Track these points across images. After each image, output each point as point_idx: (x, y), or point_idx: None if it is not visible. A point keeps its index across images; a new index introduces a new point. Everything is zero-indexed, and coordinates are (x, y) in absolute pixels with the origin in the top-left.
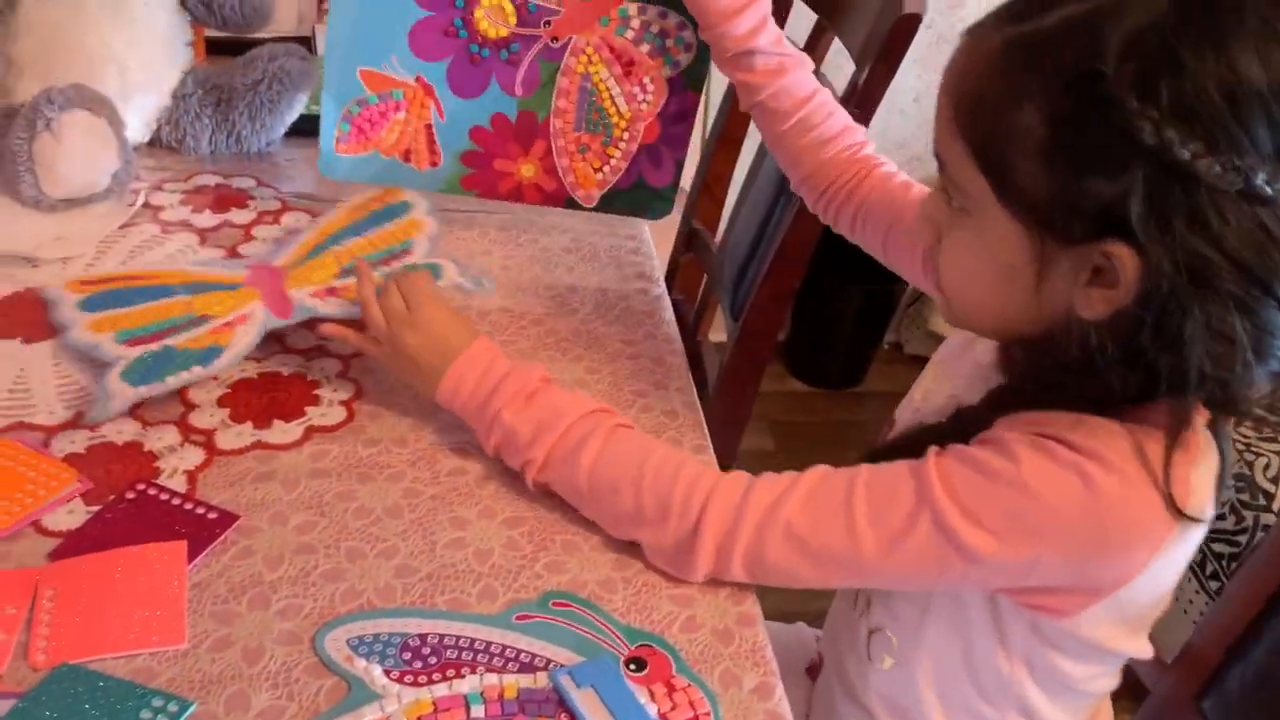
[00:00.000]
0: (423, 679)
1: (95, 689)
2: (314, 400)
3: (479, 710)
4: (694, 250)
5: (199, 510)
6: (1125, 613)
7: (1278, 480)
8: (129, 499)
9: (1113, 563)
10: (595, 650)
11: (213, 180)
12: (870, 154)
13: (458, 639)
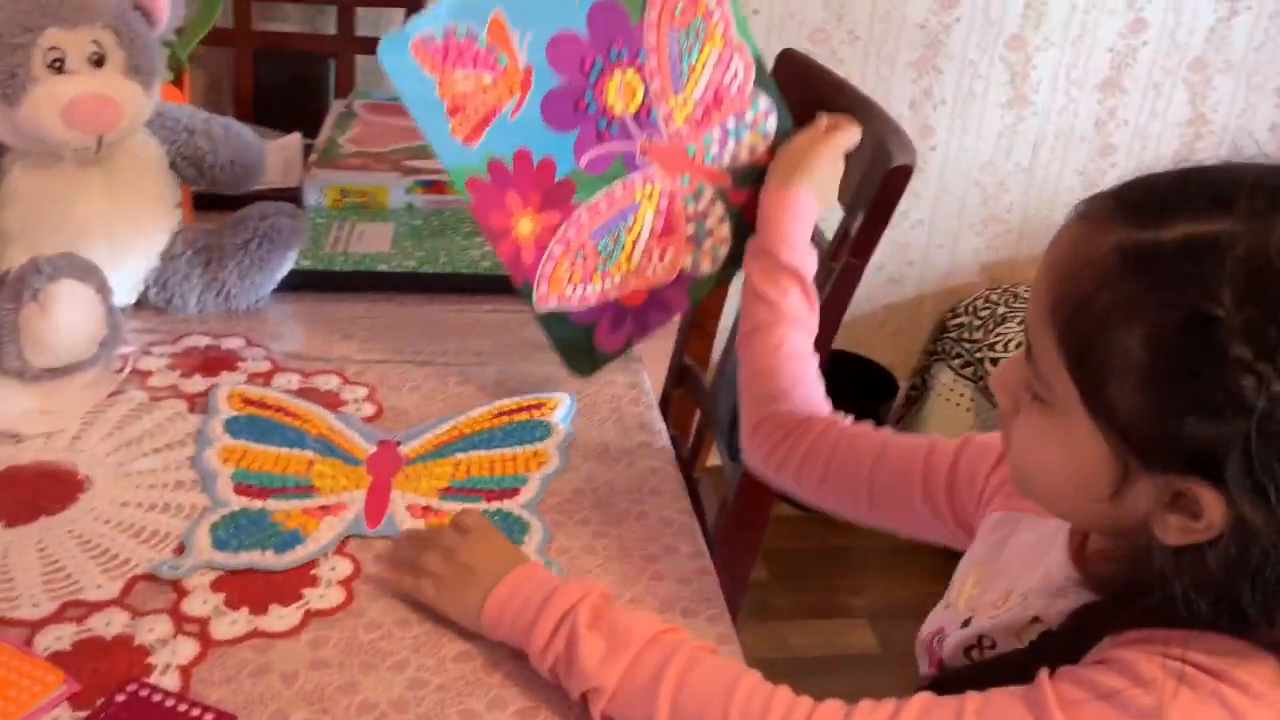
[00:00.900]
0: None
1: None
2: (311, 581)
3: None
4: (685, 385)
5: (194, 712)
6: None
7: None
8: (119, 701)
9: None
10: None
11: (201, 341)
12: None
13: None
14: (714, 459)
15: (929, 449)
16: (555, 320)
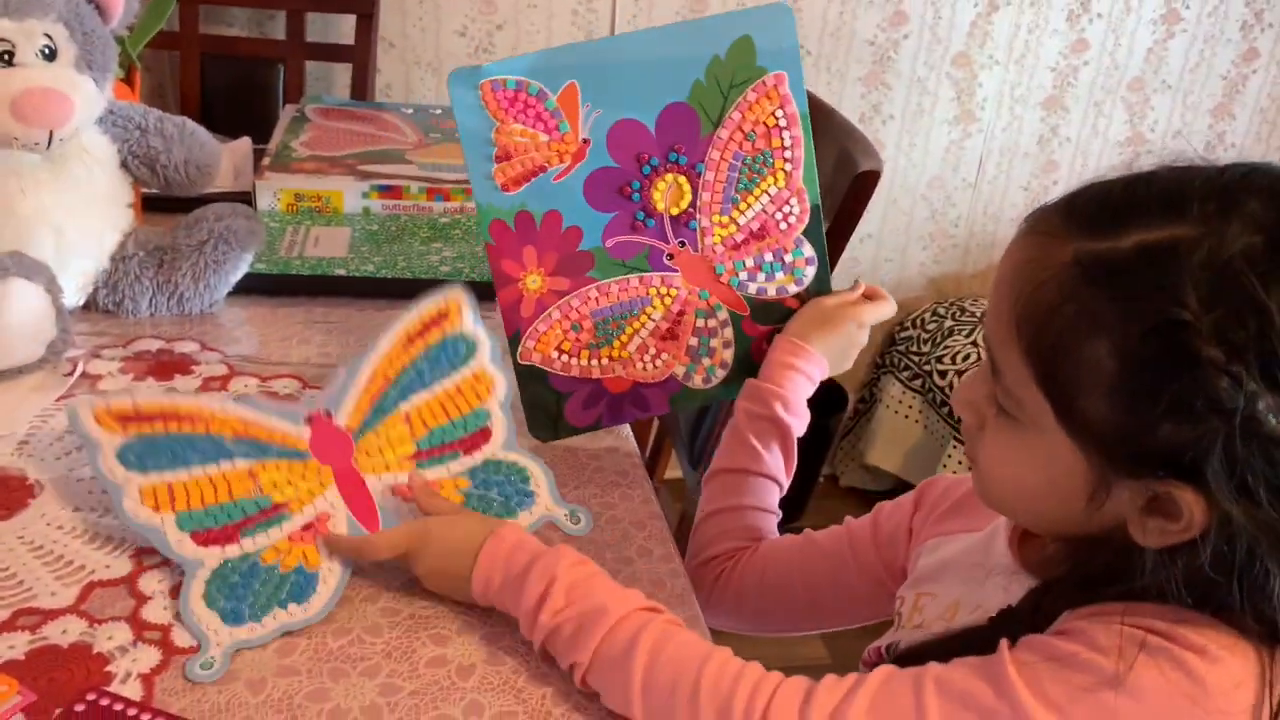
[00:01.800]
0: None
1: None
2: None
3: None
4: None
5: None
6: None
7: None
8: (79, 711)
9: None
10: None
11: (154, 345)
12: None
13: None
14: (673, 470)
15: (847, 528)
16: (532, 377)
